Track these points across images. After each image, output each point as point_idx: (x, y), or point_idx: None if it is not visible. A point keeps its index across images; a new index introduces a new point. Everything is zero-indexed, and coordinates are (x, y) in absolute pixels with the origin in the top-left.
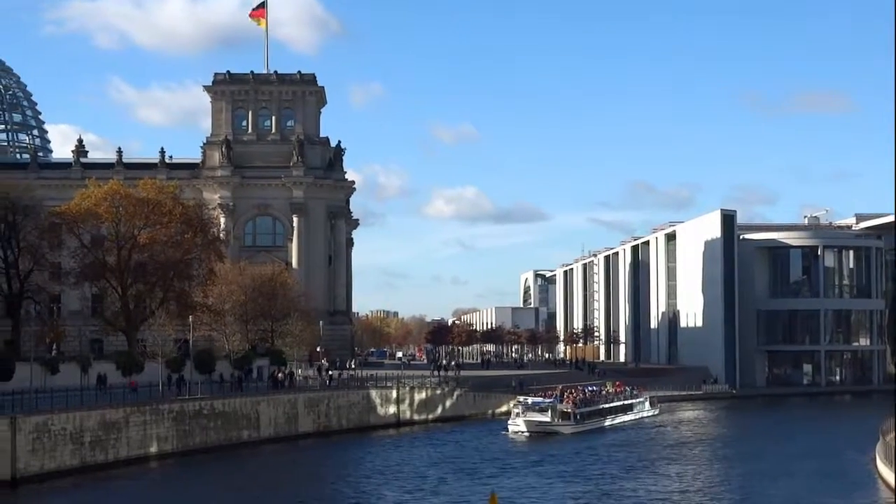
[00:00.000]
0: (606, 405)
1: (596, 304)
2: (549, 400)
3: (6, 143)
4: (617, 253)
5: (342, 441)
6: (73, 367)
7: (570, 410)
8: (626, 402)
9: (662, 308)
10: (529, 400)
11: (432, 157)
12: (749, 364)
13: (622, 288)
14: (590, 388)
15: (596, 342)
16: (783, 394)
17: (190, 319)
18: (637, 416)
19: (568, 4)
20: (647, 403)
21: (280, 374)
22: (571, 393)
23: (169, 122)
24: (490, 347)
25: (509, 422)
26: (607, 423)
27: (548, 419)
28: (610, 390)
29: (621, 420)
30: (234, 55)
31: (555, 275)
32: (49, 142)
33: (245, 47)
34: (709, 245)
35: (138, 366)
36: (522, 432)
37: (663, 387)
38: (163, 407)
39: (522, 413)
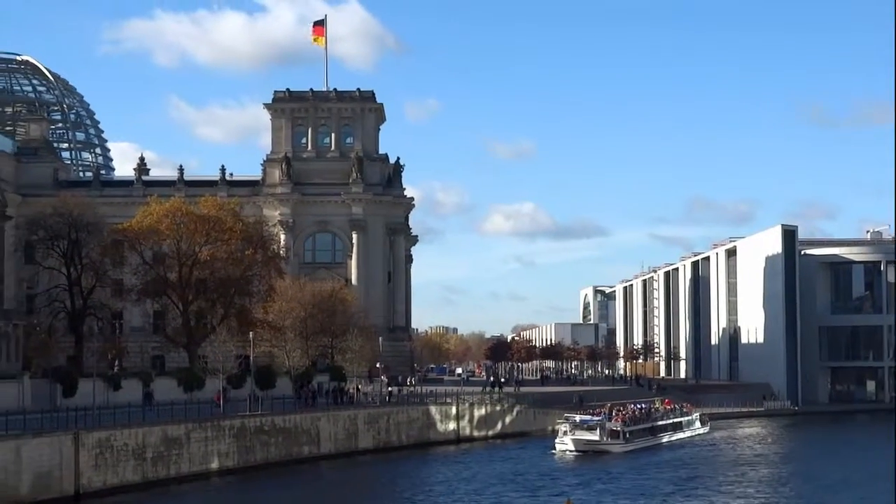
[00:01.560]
0: (656, 423)
1: (656, 320)
2: (597, 418)
3: (70, 162)
4: (677, 269)
5: (402, 457)
6: (136, 384)
7: (619, 429)
8: (675, 419)
9: (723, 324)
10: (577, 418)
11: (490, 172)
12: (811, 380)
13: (682, 304)
14: (639, 406)
15: (656, 358)
16: (846, 411)
17: (250, 336)
18: (687, 435)
19: (626, 20)
20: (697, 421)
21: (351, 389)
22: (620, 410)
23: (227, 139)
24: (549, 364)
25: (556, 440)
26: (657, 441)
27: (596, 438)
28: (659, 407)
29: (672, 438)
30: (292, 72)
31: (614, 291)
32: (111, 160)
33: (302, 64)
34: (770, 261)
35: (199, 382)
36: (570, 451)
37: (723, 403)
38: (224, 423)
39: (570, 431)
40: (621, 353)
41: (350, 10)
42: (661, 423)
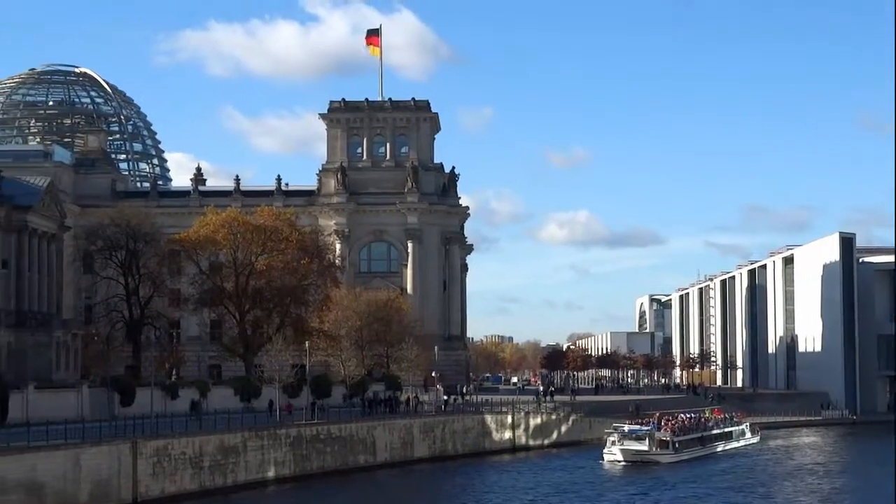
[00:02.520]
0: (706, 433)
1: (712, 329)
2: (646, 427)
3: (127, 173)
4: (733, 277)
5: (457, 466)
6: (193, 393)
7: (668, 438)
8: (726, 429)
9: (780, 332)
10: (626, 427)
11: (544, 180)
12: (870, 389)
13: (739, 312)
14: (688, 415)
15: (713, 367)
16: None
17: (306, 345)
18: (738, 445)
19: (679, 28)
20: (747, 431)
21: (410, 397)
22: (669, 420)
23: (281, 148)
24: (605, 372)
25: (605, 450)
26: (707, 451)
27: (645, 448)
28: (709, 417)
29: (722, 448)
30: (345, 81)
31: (670, 299)
32: (168, 170)
33: (355, 73)
34: (827, 269)
35: (255, 391)
36: (619, 461)
37: (780, 412)
38: (280, 432)
39: (618, 441)
40: (677, 362)
41: (403, 19)
42: (711, 432)
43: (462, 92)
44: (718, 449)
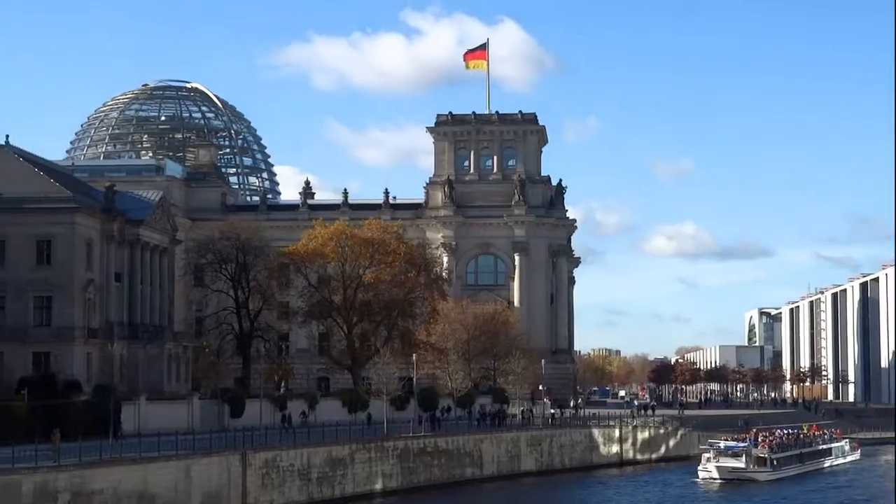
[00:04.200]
0: (805, 449)
1: (823, 343)
2: (742, 444)
3: (237, 186)
4: (844, 290)
5: (564, 480)
6: (301, 405)
7: (765, 455)
8: (825, 446)
9: (893, 346)
10: (722, 444)
11: (651, 192)
12: None
13: (850, 326)
14: (786, 431)
15: (824, 381)
16: None
17: (414, 357)
18: (836, 462)
19: (782, 40)
20: (846, 447)
21: (524, 410)
22: (767, 436)
23: (386, 161)
24: (714, 386)
25: (699, 467)
26: (806, 469)
27: (742, 465)
28: (807, 433)
29: (822, 465)
30: (449, 93)
31: (780, 312)
32: (277, 184)
33: (460, 86)
34: None
35: (363, 403)
36: (714, 479)
37: (890, 428)
38: (387, 444)
39: (714, 458)
40: (787, 377)
41: (506, 30)
42: (810, 449)
43: (566, 103)
44: (818, 466)
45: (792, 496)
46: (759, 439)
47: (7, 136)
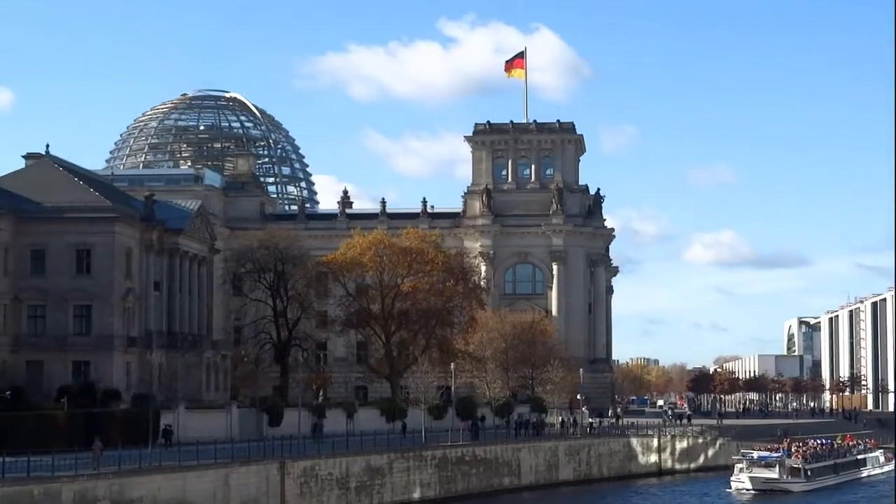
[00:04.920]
0: (839, 460)
1: (863, 352)
2: (776, 454)
3: (276, 196)
4: (884, 299)
5: (602, 489)
6: (339, 414)
7: (799, 466)
8: (858, 456)
9: None
10: (755, 454)
11: (688, 200)
12: None
13: (890, 335)
14: (820, 441)
15: (863, 391)
16: None
17: (452, 366)
18: (871, 472)
19: (822, 48)
20: (880, 458)
21: (565, 420)
22: (800, 447)
23: (423, 170)
24: (753, 396)
25: (732, 478)
26: (841, 479)
27: (775, 475)
28: (841, 443)
29: (856, 476)
30: (485, 102)
31: (819, 322)
32: (315, 193)
33: (496, 95)
34: None
35: (402, 412)
36: (747, 490)
37: None
38: (426, 453)
39: (747, 468)
40: (827, 386)
41: (542, 38)
42: (843, 459)
43: (603, 111)
44: (852, 477)
45: None
46: (793, 449)
47: (47, 146)
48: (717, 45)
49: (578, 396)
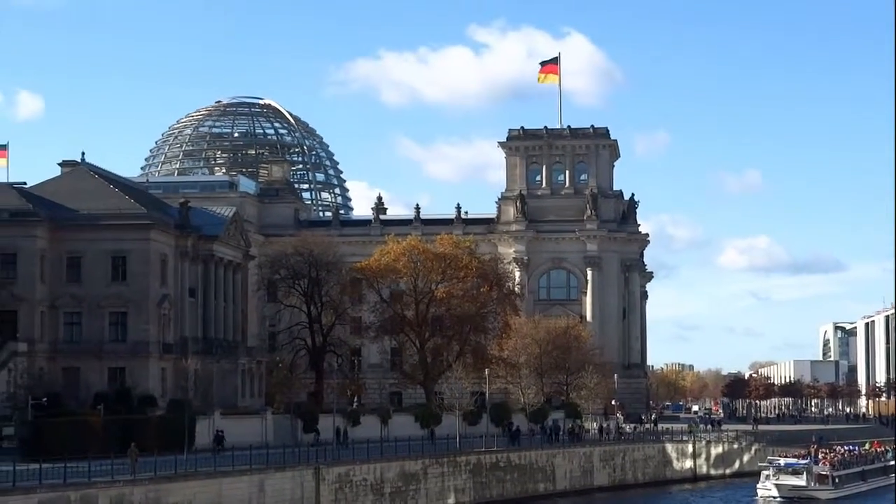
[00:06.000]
0: (867, 467)
1: None
2: (803, 461)
3: (310, 202)
4: None
5: (637, 495)
6: (374, 420)
7: (827, 473)
8: (887, 462)
9: None
10: (782, 461)
11: (722, 206)
12: None
13: None
14: (848, 448)
15: None
16: None
17: (486, 372)
18: None
19: (857, 52)
20: None
21: (602, 426)
22: (828, 453)
23: (455, 176)
24: (789, 401)
25: (759, 485)
26: (870, 486)
27: (803, 483)
28: (869, 450)
29: (884, 483)
30: (518, 108)
31: (855, 327)
32: (350, 199)
33: (528, 100)
34: None
35: (436, 418)
36: (774, 497)
37: None
38: (460, 459)
39: (773, 476)
40: (863, 391)
41: (574, 43)
42: (871, 466)
43: (636, 116)
44: (881, 484)
45: None
46: (820, 456)
47: (83, 154)
48: (749, 49)
49: (613, 402)
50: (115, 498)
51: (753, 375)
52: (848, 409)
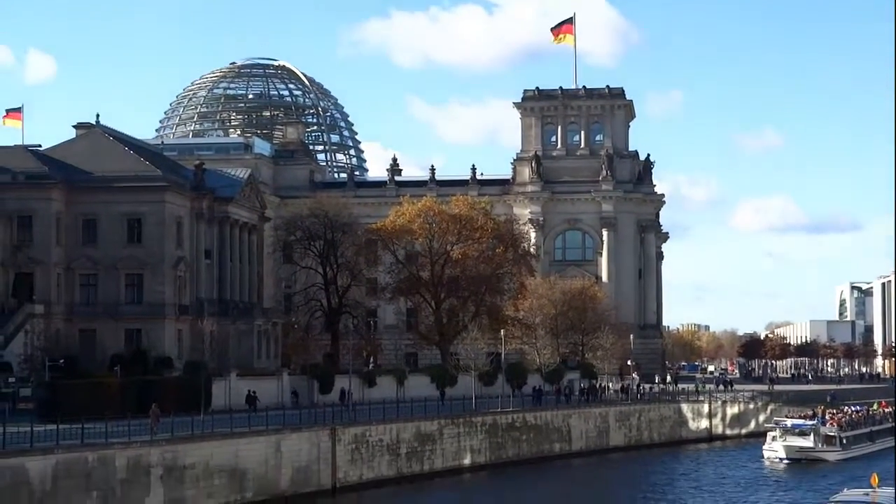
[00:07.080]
0: (875, 427)
1: None
2: (810, 422)
3: (325, 164)
4: None
5: (653, 455)
6: (390, 380)
7: (835, 434)
8: (894, 423)
9: None
10: (789, 422)
11: (738, 165)
12: None
13: None
14: (856, 408)
15: None
16: None
17: (501, 333)
18: None
19: (871, 8)
20: None
21: (624, 385)
22: (835, 414)
23: (468, 137)
24: (804, 361)
25: (765, 447)
26: (878, 447)
27: (810, 444)
28: (876, 410)
29: (892, 444)
30: (531, 68)
31: (871, 287)
32: (364, 161)
33: (542, 60)
34: None
35: (452, 379)
36: (781, 459)
37: None
38: (476, 419)
39: (780, 437)
40: (879, 351)
41: (589, 1)
42: (879, 427)
43: (650, 76)
44: (889, 444)
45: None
46: (828, 417)
47: (97, 116)
48: (764, 7)
49: (629, 362)
50: (132, 459)
51: (769, 336)
52: (864, 369)
